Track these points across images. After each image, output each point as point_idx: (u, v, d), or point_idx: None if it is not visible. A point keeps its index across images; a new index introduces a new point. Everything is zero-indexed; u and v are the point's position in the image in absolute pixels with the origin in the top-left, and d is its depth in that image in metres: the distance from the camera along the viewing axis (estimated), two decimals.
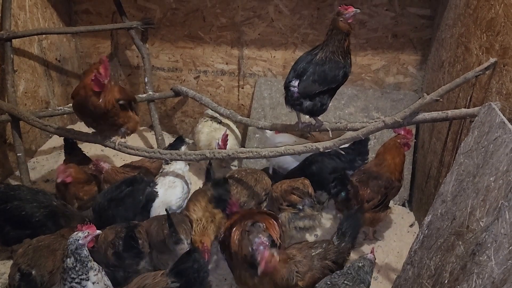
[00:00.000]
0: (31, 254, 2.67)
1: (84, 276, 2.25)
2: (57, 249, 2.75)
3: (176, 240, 2.70)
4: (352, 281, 2.45)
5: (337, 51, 2.95)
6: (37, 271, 2.57)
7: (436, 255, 2.19)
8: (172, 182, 3.41)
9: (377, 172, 3.27)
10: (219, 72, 4.70)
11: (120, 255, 2.64)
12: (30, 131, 4.36)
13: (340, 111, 4.34)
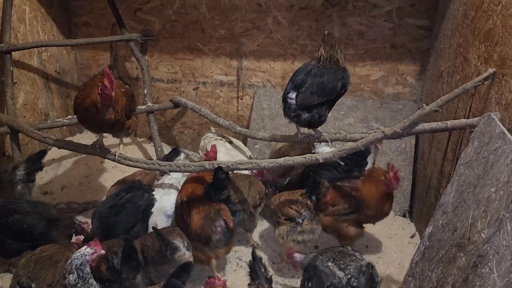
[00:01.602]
0: (32, 266, 2.64)
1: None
2: (59, 261, 2.71)
3: (173, 250, 2.67)
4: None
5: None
6: (37, 284, 2.54)
7: (438, 267, 2.17)
8: (167, 190, 3.42)
9: (356, 189, 3.24)
10: (218, 83, 4.71)
11: (115, 269, 2.61)
12: (29, 143, 4.35)
13: (339, 122, 4.34)
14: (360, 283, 2.58)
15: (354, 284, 2.58)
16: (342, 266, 2.67)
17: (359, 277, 2.59)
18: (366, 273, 2.56)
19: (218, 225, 2.99)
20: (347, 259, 2.72)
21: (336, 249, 2.90)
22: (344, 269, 2.64)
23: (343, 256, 2.75)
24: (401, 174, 4.00)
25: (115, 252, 2.66)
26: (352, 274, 2.61)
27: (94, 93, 2.90)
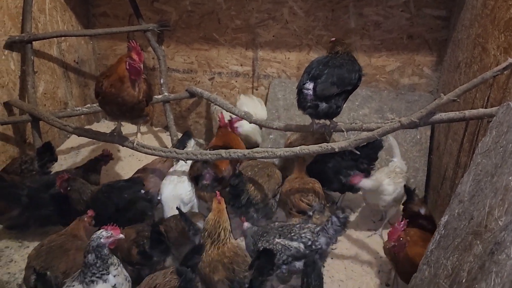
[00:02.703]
0: (44, 256, 2.72)
1: (105, 271, 2.33)
2: (70, 249, 2.79)
3: (195, 231, 2.73)
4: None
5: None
6: (51, 273, 2.62)
7: (453, 254, 2.18)
8: (181, 178, 3.48)
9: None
10: (233, 73, 4.75)
11: (146, 253, 2.68)
12: (49, 131, 4.45)
13: (354, 112, 4.34)
14: (321, 243, 2.76)
15: (318, 246, 2.75)
16: (296, 237, 2.79)
17: (319, 239, 2.76)
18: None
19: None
20: (295, 230, 2.84)
21: (277, 225, 2.98)
22: (298, 239, 2.77)
23: (289, 230, 2.86)
24: (416, 165, 4.03)
25: (146, 237, 2.72)
26: (312, 240, 2.76)
27: (121, 68, 2.89)
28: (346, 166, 3.54)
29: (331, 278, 3.19)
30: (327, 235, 2.79)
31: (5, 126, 3.89)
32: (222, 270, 2.52)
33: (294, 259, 2.77)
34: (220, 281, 2.49)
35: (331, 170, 3.56)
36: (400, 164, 3.63)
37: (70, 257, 2.70)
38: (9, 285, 3.05)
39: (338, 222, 2.77)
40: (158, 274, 2.53)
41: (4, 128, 3.90)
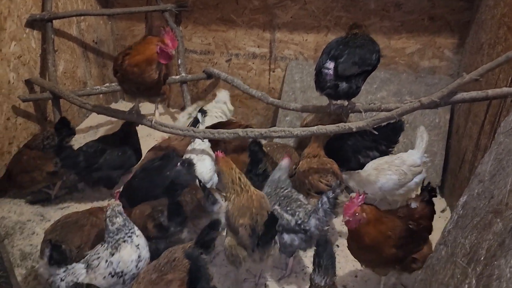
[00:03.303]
0: (59, 230, 2.80)
1: (132, 232, 2.53)
2: (85, 224, 2.87)
3: (213, 200, 2.77)
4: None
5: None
6: (66, 246, 2.69)
7: (472, 233, 2.17)
8: (201, 156, 3.51)
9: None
10: (250, 55, 4.73)
11: (162, 227, 2.73)
12: (69, 110, 4.52)
13: (372, 95, 4.30)
14: (310, 224, 2.79)
15: (306, 227, 2.79)
16: (291, 212, 2.87)
17: (309, 220, 2.79)
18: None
19: None
20: (293, 205, 2.91)
21: (280, 193, 3.04)
22: (293, 215, 2.85)
23: (288, 202, 2.94)
24: (434, 149, 3.98)
25: (161, 211, 2.78)
26: (302, 219, 2.81)
27: (150, 50, 2.91)
28: (366, 146, 3.52)
29: (346, 258, 3.21)
30: (317, 217, 2.77)
31: (26, 104, 3.97)
32: (248, 217, 2.66)
33: (284, 231, 2.85)
34: (243, 225, 2.64)
35: (350, 148, 3.55)
36: (412, 157, 3.45)
37: (85, 232, 2.77)
38: (31, 256, 3.15)
39: (328, 203, 2.74)
40: (176, 248, 2.58)
41: (26, 106, 3.98)
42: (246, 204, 2.73)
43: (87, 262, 2.48)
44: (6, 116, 3.77)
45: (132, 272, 2.53)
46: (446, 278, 2.27)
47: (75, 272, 2.44)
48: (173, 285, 2.41)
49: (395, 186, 3.40)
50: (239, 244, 2.68)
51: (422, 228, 2.76)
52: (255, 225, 2.63)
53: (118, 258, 2.47)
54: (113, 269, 2.45)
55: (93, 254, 2.50)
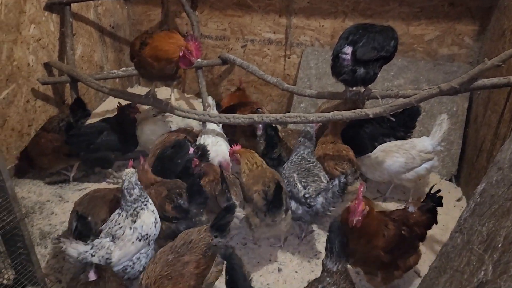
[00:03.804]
0: (86, 203, 2.87)
1: (147, 198, 2.67)
2: (111, 200, 2.94)
3: (229, 198, 2.79)
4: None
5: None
6: (92, 219, 2.77)
7: (489, 221, 2.15)
8: (216, 141, 3.53)
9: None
10: (266, 41, 4.71)
11: (181, 208, 2.78)
12: (86, 94, 4.57)
13: (388, 83, 4.26)
14: (317, 202, 2.88)
15: (311, 202, 2.89)
16: (303, 184, 2.99)
17: (317, 197, 2.88)
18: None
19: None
20: (309, 179, 3.02)
21: (304, 165, 3.14)
22: (304, 187, 2.96)
23: (306, 175, 3.05)
24: (451, 138, 3.94)
25: (179, 194, 2.82)
26: (310, 195, 2.90)
27: (173, 51, 2.95)
28: (383, 133, 3.50)
29: None
30: (325, 196, 2.86)
31: (45, 87, 4.02)
32: (261, 184, 2.87)
33: (292, 198, 3.00)
34: (257, 191, 2.83)
35: (367, 135, 3.54)
36: (423, 143, 3.43)
37: (110, 207, 2.84)
38: (50, 235, 3.23)
39: (338, 186, 2.81)
40: (192, 231, 2.62)
41: (45, 89, 4.03)
42: (260, 174, 2.95)
43: (110, 234, 2.55)
44: (26, 98, 3.84)
45: (153, 233, 2.67)
46: (462, 265, 2.26)
47: (104, 245, 2.51)
48: (189, 267, 2.46)
49: (401, 169, 3.40)
50: (253, 211, 2.85)
51: (414, 236, 2.65)
52: (267, 190, 2.80)
53: (141, 223, 2.59)
54: (139, 233, 2.57)
55: (113, 226, 2.57)
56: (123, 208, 2.60)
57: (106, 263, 2.48)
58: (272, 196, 2.75)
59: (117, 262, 2.53)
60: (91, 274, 2.30)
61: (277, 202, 2.77)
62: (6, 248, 2.53)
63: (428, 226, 2.74)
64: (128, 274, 2.61)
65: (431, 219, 2.73)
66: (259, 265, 3.06)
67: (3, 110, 3.59)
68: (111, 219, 2.62)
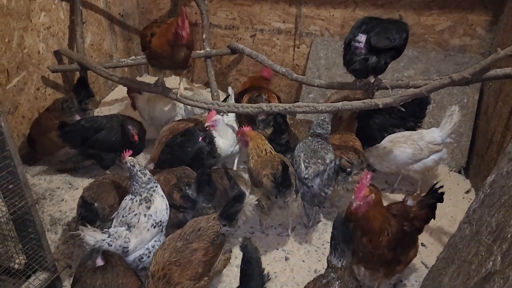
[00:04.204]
0: (95, 188, 2.91)
1: (156, 181, 2.73)
2: (119, 186, 2.97)
3: (238, 189, 2.80)
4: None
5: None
6: (99, 204, 2.80)
7: (499, 212, 2.14)
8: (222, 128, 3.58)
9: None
10: (275, 30, 4.68)
11: (189, 198, 2.80)
12: (95, 82, 4.59)
13: (398, 73, 4.22)
14: (313, 182, 2.94)
15: (308, 183, 2.96)
16: (305, 164, 3.05)
17: (314, 179, 2.95)
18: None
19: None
20: (313, 160, 3.07)
21: (313, 145, 3.17)
22: (306, 167, 3.03)
23: (311, 156, 3.10)
24: (460, 130, 3.90)
25: (187, 184, 2.84)
26: (308, 176, 2.97)
27: (169, 32, 3.01)
28: (393, 124, 3.49)
29: None
30: (321, 178, 2.92)
31: (55, 75, 4.05)
32: (270, 168, 2.93)
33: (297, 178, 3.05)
34: (266, 175, 2.89)
35: (377, 126, 3.53)
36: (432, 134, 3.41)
37: (118, 193, 2.87)
38: (60, 222, 3.27)
39: (333, 168, 2.85)
40: (201, 219, 2.64)
41: (55, 76, 4.06)
42: (268, 159, 3.00)
43: (125, 223, 2.59)
44: (36, 86, 3.87)
45: (166, 220, 2.72)
46: (470, 256, 2.26)
47: (121, 234, 2.54)
48: (198, 254, 2.48)
49: (409, 159, 3.38)
50: (263, 194, 2.90)
51: (414, 230, 2.62)
52: (275, 173, 2.84)
53: (154, 209, 2.63)
54: (153, 220, 2.62)
55: (127, 214, 2.60)
56: (136, 192, 2.63)
57: (123, 251, 2.51)
58: (281, 177, 2.80)
59: (133, 250, 2.56)
60: (99, 260, 2.33)
61: (286, 183, 2.81)
62: (18, 234, 2.57)
63: (427, 220, 2.69)
64: (143, 263, 2.64)
65: (430, 214, 2.68)
66: (267, 254, 3.08)
67: (14, 97, 3.63)
68: (123, 206, 2.65)
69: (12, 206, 2.34)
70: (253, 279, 2.13)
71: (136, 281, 2.35)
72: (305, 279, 2.89)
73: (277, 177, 2.83)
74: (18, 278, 2.54)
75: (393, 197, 3.62)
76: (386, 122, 3.51)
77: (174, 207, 2.81)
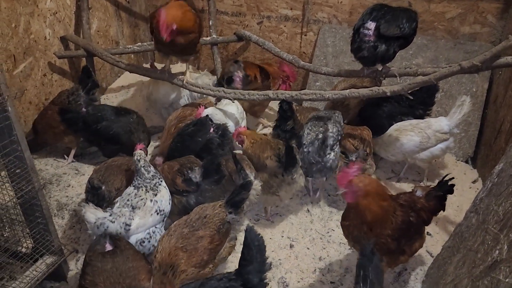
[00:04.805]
0: (103, 171, 2.93)
1: (161, 177, 2.80)
2: (127, 169, 2.99)
3: (245, 176, 2.80)
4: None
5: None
6: (106, 187, 2.83)
7: (507, 200, 2.12)
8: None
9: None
10: (282, 17, 4.63)
11: (191, 181, 2.83)
12: (102, 69, 4.59)
13: (406, 62, 4.17)
14: (310, 149, 3.08)
15: (304, 148, 3.10)
16: (308, 131, 3.17)
17: (306, 147, 3.09)
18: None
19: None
20: (314, 129, 3.17)
21: (323, 116, 3.26)
22: (308, 134, 3.15)
23: (314, 124, 3.21)
24: (469, 119, 3.87)
25: (189, 168, 2.87)
26: (307, 142, 3.10)
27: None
28: (402, 112, 3.46)
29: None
30: (314, 146, 3.06)
31: (61, 61, 4.05)
32: (269, 150, 3.03)
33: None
34: (269, 157, 3.00)
35: (385, 114, 3.50)
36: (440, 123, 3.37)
37: (126, 176, 2.88)
38: (67, 207, 3.30)
39: (321, 139, 3.04)
40: (207, 206, 2.65)
41: (61, 63, 4.06)
42: (264, 142, 3.09)
43: (130, 205, 2.62)
44: (43, 72, 3.87)
45: (168, 210, 2.76)
46: (476, 245, 2.25)
47: (125, 213, 2.57)
48: (204, 242, 2.49)
49: (416, 148, 3.35)
50: (269, 175, 2.97)
51: (421, 221, 2.56)
52: (278, 152, 2.95)
53: (160, 197, 2.69)
54: (158, 207, 2.66)
55: (132, 198, 2.64)
56: (138, 186, 2.68)
57: (125, 230, 2.53)
58: (285, 157, 2.88)
59: (135, 230, 2.58)
60: (108, 244, 2.36)
61: (291, 161, 2.90)
62: (25, 218, 2.60)
63: (435, 212, 2.64)
64: (144, 248, 2.66)
65: (439, 206, 2.63)
66: (271, 241, 3.09)
67: (20, 83, 3.63)
68: (128, 192, 2.67)
69: (20, 190, 2.36)
70: (251, 264, 2.11)
71: (146, 264, 2.38)
72: (309, 266, 2.90)
73: (281, 156, 2.90)
74: (26, 261, 2.57)
75: (399, 186, 3.60)
76: (394, 110, 3.48)
77: (178, 193, 2.84)
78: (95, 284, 2.20)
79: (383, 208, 2.35)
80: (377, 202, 2.32)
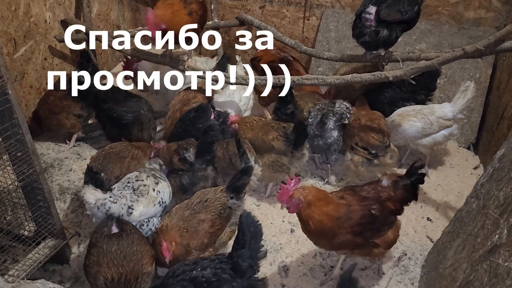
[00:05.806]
0: (101, 159, 2.94)
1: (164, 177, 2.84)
2: (126, 156, 2.99)
3: (247, 161, 2.81)
4: None
5: None
6: (105, 175, 2.82)
7: (507, 185, 2.12)
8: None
9: None
10: (285, 2, 4.58)
11: (186, 160, 2.87)
12: (103, 54, 4.56)
13: (410, 47, 4.13)
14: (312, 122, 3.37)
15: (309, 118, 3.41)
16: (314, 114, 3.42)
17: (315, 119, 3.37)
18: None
19: None
20: (319, 112, 3.40)
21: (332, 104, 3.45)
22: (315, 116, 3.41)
23: (321, 109, 3.42)
24: (471, 105, 3.83)
25: (185, 148, 2.91)
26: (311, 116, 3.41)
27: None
28: (403, 98, 3.44)
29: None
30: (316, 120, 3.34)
31: (62, 45, 4.02)
32: (273, 131, 3.11)
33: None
34: (275, 138, 3.07)
35: (387, 100, 3.48)
36: (443, 109, 3.34)
37: (124, 163, 2.90)
38: (69, 191, 3.31)
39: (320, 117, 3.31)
40: (209, 190, 2.68)
41: (62, 46, 4.03)
42: (264, 124, 3.17)
43: (131, 187, 2.63)
44: (43, 56, 3.85)
45: (168, 202, 2.77)
46: (476, 229, 2.26)
47: (126, 196, 2.58)
48: (204, 225, 2.52)
49: (418, 134, 3.34)
50: (278, 154, 3.05)
51: (387, 212, 2.42)
52: (285, 131, 3.02)
53: (162, 188, 2.72)
54: (161, 198, 2.68)
55: (134, 181, 2.65)
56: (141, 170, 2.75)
57: (127, 213, 2.54)
58: (294, 135, 2.98)
59: (138, 217, 2.59)
60: (114, 227, 2.37)
61: (301, 138, 3.01)
62: (27, 201, 2.61)
63: (404, 202, 2.50)
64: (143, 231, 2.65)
65: (408, 195, 2.48)
66: (272, 226, 3.10)
67: (21, 66, 3.61)
68: (129, 176, 2.68)
69: (21, 174, 2.36)
70: (244, 248, 2.12)
71: (150, 249, 2.40)
72: (310, 250, 2.92)
73: (289, 134, 2.99)
74: (28, 244, 2.59)
75: (400, 171, 3.59)
76: (396, 95, 3.46)
77: (174, 171, 2.91)
78: (99, 265, 2.23)
79: (327, 214, 2.29)
80: (320, 209, 2.29)
